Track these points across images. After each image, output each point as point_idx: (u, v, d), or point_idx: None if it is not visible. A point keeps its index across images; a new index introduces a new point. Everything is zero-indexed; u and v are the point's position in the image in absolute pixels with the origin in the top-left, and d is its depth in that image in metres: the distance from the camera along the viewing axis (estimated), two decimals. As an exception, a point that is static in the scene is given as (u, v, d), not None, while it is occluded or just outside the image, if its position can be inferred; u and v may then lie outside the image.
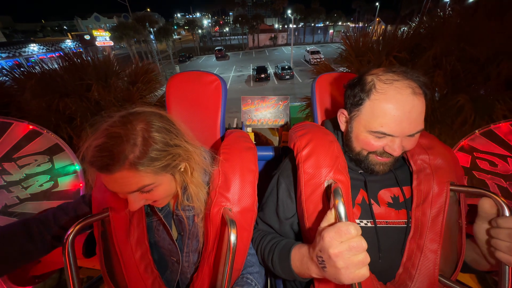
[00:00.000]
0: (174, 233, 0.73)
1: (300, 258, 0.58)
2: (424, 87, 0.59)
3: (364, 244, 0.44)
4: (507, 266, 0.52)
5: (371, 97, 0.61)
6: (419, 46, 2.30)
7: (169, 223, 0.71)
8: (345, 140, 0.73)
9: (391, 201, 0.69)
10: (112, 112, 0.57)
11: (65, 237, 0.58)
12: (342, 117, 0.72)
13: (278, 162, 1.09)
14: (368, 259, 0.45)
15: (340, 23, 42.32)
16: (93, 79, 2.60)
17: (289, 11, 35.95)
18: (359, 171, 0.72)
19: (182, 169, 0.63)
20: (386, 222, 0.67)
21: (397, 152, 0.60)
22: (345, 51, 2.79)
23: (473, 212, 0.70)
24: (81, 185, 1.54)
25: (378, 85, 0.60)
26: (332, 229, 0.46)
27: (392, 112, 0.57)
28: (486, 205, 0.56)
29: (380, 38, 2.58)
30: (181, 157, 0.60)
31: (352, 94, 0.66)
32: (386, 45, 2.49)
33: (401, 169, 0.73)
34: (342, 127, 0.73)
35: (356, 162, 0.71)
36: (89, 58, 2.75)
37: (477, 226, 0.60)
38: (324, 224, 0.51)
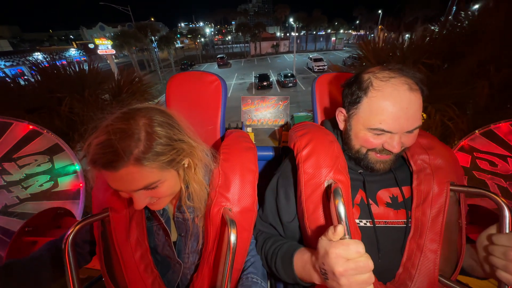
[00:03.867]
0: (174, 236, 0.72)
1: (302, 265, 0.59)
2: (420, 84, 0.60)
3: (370, 264, 0.43)
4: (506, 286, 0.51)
5: (369, 94, 0.61)
6: (453, 51, 1.94)
7: (169, 226, 0.70)
8: (344, 138, 0.73)
9: (389, 201, 0.69)
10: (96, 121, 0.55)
11: (65, 237, 0.58)
12: (340, 115, 0.72)
13: (278, 162, 1.09)
14: (372, 279, 0.44)
15: (342, 31, 42.80)
16: (65, 91, 2.28)
17: (291, 19, 36.09)
18: (359, 171, 0.72)
19: (186, 165, 0.62)
20: (385, 222, 0.67)
21: (396, 149, 0.60)
22: (364, 57, 2.43)
23: (473, 212, 0.70)
24: (81, 185, 1.55)
25: (375, 82, 0.61)
26: (340, 245, 0.45)
27: (389, 109, 0.58)
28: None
29: (405, 45, 2.22)
30: (185, 152, 0.60)
31: (350, 92, 0.67)
32: (412, 51, 2.12)
33: (400, 169, 0.72)
34: (341, 125, 0.73)
35: (356, 160, 0.71)
36: (61, 68, 2.42)
37: (479, 241, 0.58)
38: (329, 236, 0.48)
